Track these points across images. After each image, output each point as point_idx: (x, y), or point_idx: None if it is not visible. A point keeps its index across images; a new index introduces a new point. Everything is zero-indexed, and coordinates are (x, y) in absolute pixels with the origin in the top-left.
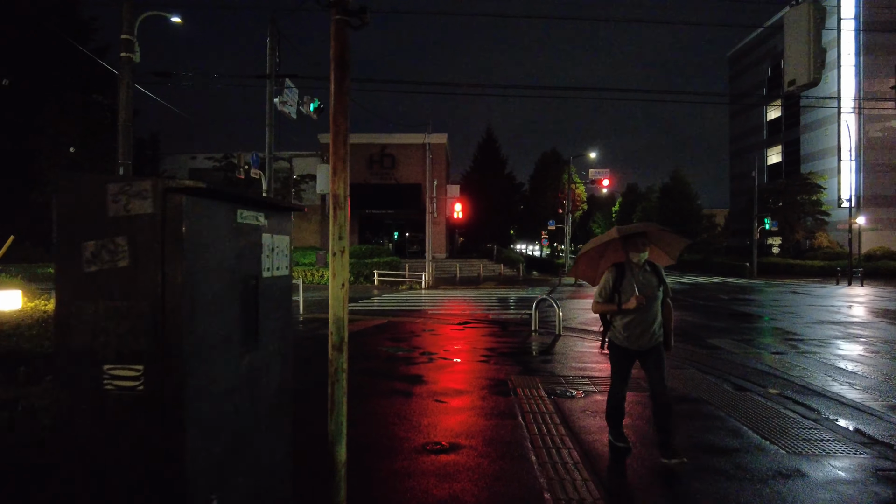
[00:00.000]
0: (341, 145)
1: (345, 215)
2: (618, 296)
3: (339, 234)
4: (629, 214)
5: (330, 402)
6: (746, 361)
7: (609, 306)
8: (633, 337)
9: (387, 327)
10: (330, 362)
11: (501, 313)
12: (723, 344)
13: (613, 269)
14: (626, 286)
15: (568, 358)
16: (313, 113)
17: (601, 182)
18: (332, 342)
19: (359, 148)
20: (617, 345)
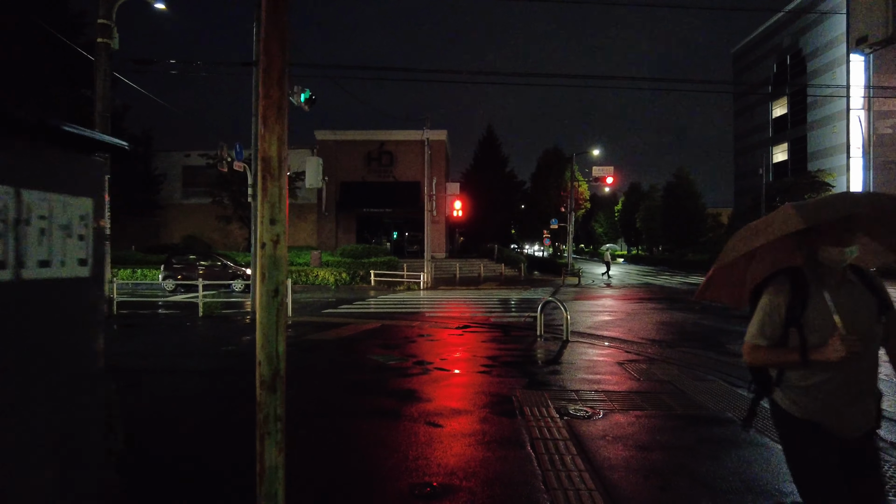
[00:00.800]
0: (274, 84)
1: (279, 189)
2: (798, 334)
3: (272, 216)
4: (632, 214)
5: (258, 465)
6: None
7: (783, 356)
8: (830, 409)
9: (380, 332)
10: (259, 407)
11: (503, 316)
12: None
13: (785, 285)
14: (814, 314)
15: (579, 368)
16: (304, 104)
17: (605, 179)
18: (261, 376)
19: (356, 145)
20: (796, 420)
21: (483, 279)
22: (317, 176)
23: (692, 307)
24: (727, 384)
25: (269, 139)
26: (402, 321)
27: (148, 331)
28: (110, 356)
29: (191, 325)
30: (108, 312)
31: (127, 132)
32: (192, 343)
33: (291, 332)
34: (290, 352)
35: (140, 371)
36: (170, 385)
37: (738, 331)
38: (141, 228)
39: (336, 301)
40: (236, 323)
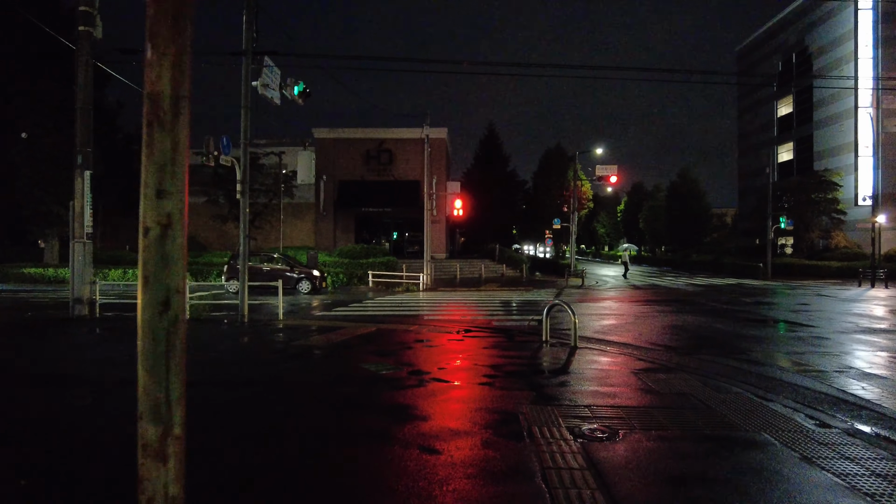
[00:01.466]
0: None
1: (175, 144)
2: None
3: (159, 186)
4: (635, 214)
5: None
6: (803, 381)
7: None
8: None
9: (374, 337)
10: (140, 485)
11: (506, 319)
12: (766, 357)
13: None
14: None
15: (590, 379)
16: (298, 97)
17: (608, 178)
18: (143, 438)
19: (355, 143)
20: None
21: (484, 280)
22: (309, 171)
23: (703, 310)
24: (755, 397)
25: (158, 66)
26: (399, 325)
27: (125, 336)
28: (71, 363)
29: None
30: (89, 314)
31: (122, 130)
32: None
33: (281, 337)
34: (275, 360)
35: (93, 382)
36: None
37: (755, 335)
38: (136, 228)
39: (331, 303)
40: (222, 326)
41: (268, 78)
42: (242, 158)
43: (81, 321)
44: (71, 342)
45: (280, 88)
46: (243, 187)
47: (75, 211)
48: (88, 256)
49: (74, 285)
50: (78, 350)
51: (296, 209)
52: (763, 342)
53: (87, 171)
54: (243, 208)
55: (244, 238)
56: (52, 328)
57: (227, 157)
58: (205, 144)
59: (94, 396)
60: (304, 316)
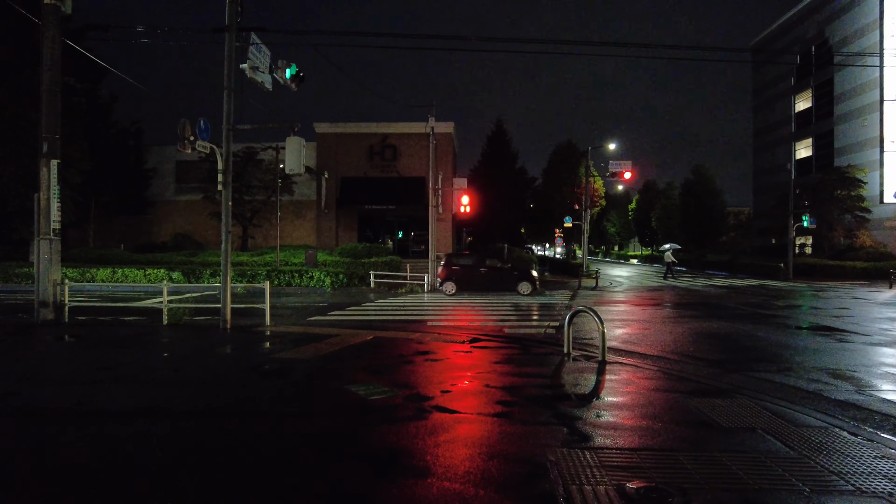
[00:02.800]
0: None
1: None
2: None
3: None
4: (647, 213)
5: None
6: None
7: None
8: None
9: (370, 347)
10: None
11: (519, 326)
12: (834, 375)
13: None
14: None
15: (631, 407)
16: (291, 82)
17: (623, 174)
18: None
19: (357, 138)
20: None
21: None
22: (299, 159)
23: (734, 314)
24: (848, 433)
25: None
26: (400, 332)
27: (92, 346)
28: (18, 381)
29: (149, 338)
30: (55, 319)
31: (116, 126)
32: (134, 364)
33: (263, 347)
34: (247, 379)
35: (37, 413)
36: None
37: (806, 346)
38: (131, 226)
39: (327, 306)
40: (198, 333)
41: (256, 59)
42: (225, 146)
43: (45, 327)
44: (15, 353)
45: (270, 71)
46: (225, 178)
47: (40, 205)
48: (55, 255)
49: (39, 288)
50: (15, 363)
51: (296, 207)
52: (819, 354)
53: (54, 161)
54: (225, 201)
55: (226, 234)
56: (4, 336)
57: (205, 143)
58: (179, 128)
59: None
60: (294, 321)
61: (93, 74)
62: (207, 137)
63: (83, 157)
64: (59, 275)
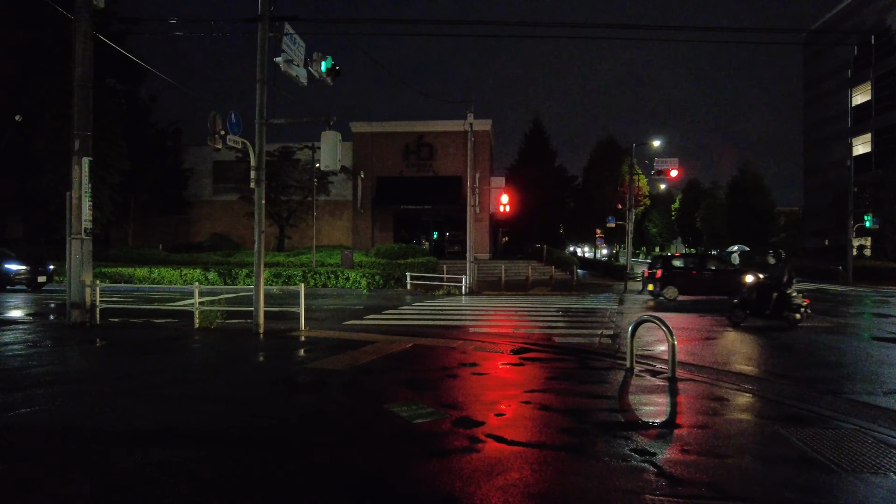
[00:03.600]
0: None
1: None
2: None
3: None
4: (691, 213)
5: None
6: None
7: None
8: None
9: (409, 358)
10: None
11: (569, 333)
12: None
13: None
14: None
15: (723, 439)
16: (327, 75)
17: (668, 173)
18: None
19: (393, 137)
20: None
21: (531, 283)
22: (334, 156)
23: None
24: None
25: None
26: (440, 339)
27: (118, 351)
28: (26, 390)
29: (178, 344)
30: (88, 321)
31: (155, 126)
32: (158, 374)
33: (296, 355)
34: (277, 394)
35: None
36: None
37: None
38: (169, 226)
39: (363, 309)
40: (230, 338)
41: (290, 51)
42: (258, 141)
43: (75, 330)
44: (37, 359)
45: (305, 65)
46: (258, 175)
47: (72, 203)
48: (87, 255)
49: (71, 288)
50: (33, 370)
51: (332, 207)
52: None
53: (86, 158)
54: (258, 199)
55: (259, 234)
56: (33, 338)
57: (236, 138)
58: (209, 122)
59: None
60: (329, 325)
61: (133, 76)
62: (239, 132)
63: (122, 158)
64: (91, 275)
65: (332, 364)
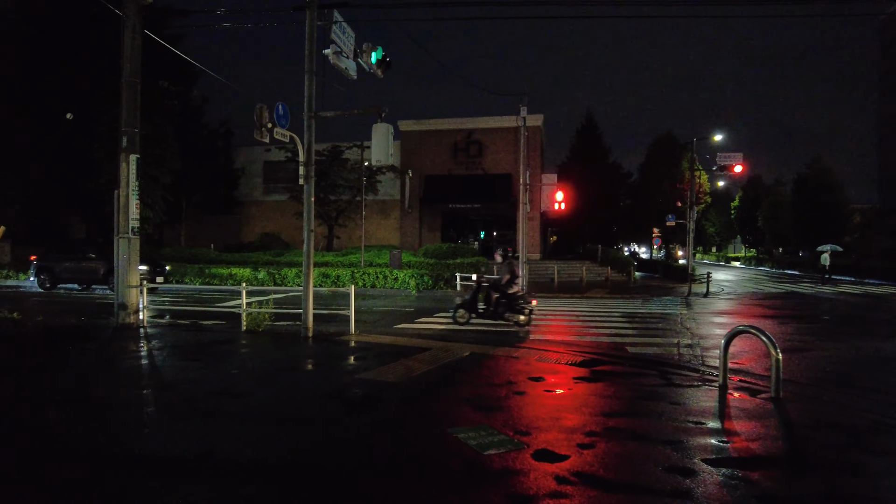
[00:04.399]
0: None
1: None
2: None
3: None
4: (752, 211)
5: None
6: None
7: None
8: None
9: (467, 368)
10: None
11: (641, 342)
12: None
13: None
14: None
15: (869, 478)
16: (377, 68)
17: (732, 168)
18: None
19: (441, 135)
20: None
21: (586, 285)
22: (386, 149)
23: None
24: None
25: None
26: (499, 347)
27: (161, 357)
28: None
29: (224, 348)
30: (131, 322)
31: (207, 127)
32: (199, 384)
33: (346, 364)
34: (326, 412)
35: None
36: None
37: None
38: (220, 225)
39: (414, 311)
40: (278, 342)
41: (339, 41)
42: (306, 135)
43: (121, 332)
44: (77, 361)
45: (354, 56)
46: (306, 170)
47: (119, 202)
48: (135, 255)
49: (119, 289)
50: (70, 374)
51: (380, 206)
52: None
53: (133, 156)
54: (307, 197)
55: (308, 233)
56: (81, 340)
57: (284, 131)
58: (255, 115)
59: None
60: (380, 329)
61: (186, 79)
62: (287, 125)
63: (174, 158)
64: (138, 276)
65: (386, 375)
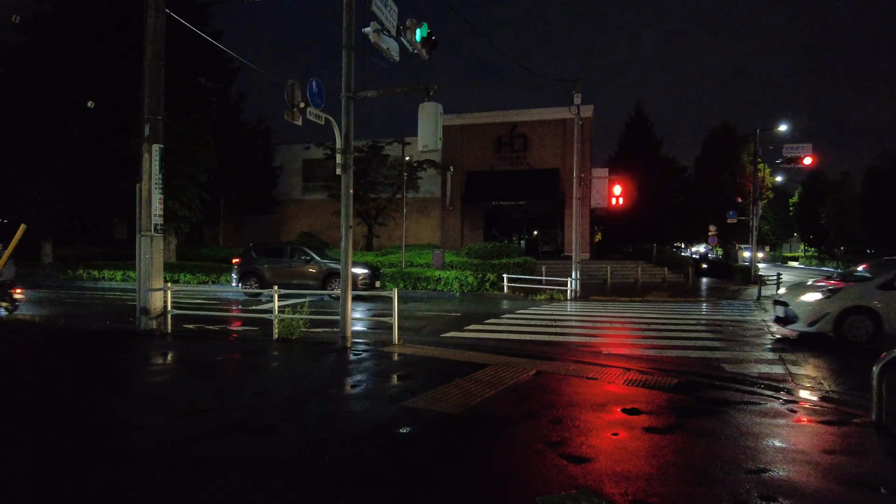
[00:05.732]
0: None
1: None
2: None
3: None
4: (814, 208)
5: None
6: None
7: None
8: None
9: (538, 394)
10: None
11: (736, 356)
12: None
13: None
14: None
15: None
16: (421, 46)
17: (802, 160)
18: None
19: (484, 129)
20: None
21: (642, 287)
22: (434, 131)
23: None
24: None
25: None
26: (570, 363)
27: (177, 372)
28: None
29: (250, 362)
30: (154, 328)
31: (245, 125)
32: (212, 414)
33: (390, 386)
34: (367, 459)
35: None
36: None
37: None
38: (259, 225)
39: (462, 316)
40: (312, 354)
41: (381, 14)
42: (344, 118)
43: (142, 339)
44: (77, 377)
45: (398, 34)
46: (344, 159)
47: (141, 196)
48: (157, 255)
49: (141, 292)
50: (60, 394)
51: (420, 205)
52: None
53: (157, 146)
54: (345, 188)
55: (346, 230)
56: (99, 347)
57: (318, 112)
58: (286, 92)
59: None
60: (427, 338)
61: (224, 75)
62: (321, 104)
63: (210, 155)
64: (162, 277)
65: (439, 403)
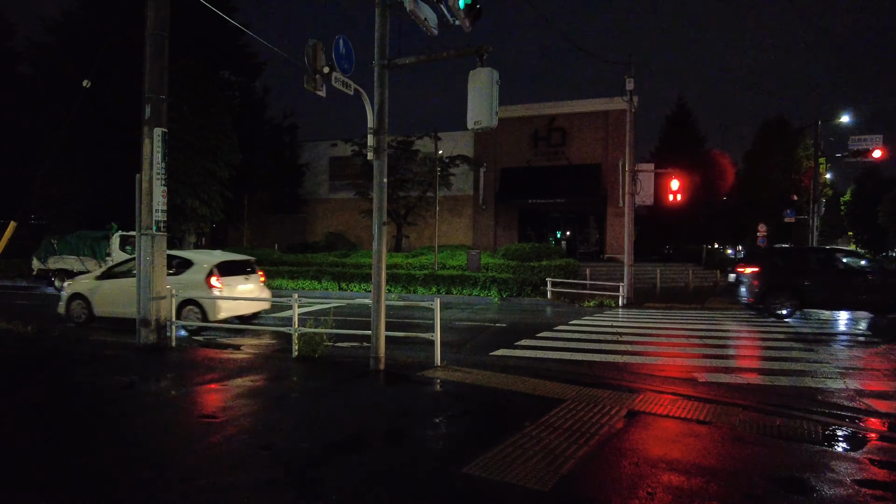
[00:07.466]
0: None
1: None
2: None
3: None
4: (868, 206)
5: None
6: None
7: None
8: None
9: (644, 451)
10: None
11: (847, 388)
12: None
13: None
14: None
15: None
16: (464, 16)
17: (871, 154)
18: None
19: (520, 122)
20: None
21: (694, 292)
22: (488, 103)
23: None
24: None
25: None
26: (662, 395)
27: (167, 406)
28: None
29: (260, 389)
30: (154, 342)
31: (270, 122)
32: (203, 476)
33: (436, 433)
34: None
35: None
36: None
37: None
38: (284, 224)
39: (508, 328)
40: (345, 382)
41: None
42: (377, 91)
43: (140, 355)
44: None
45: (437, 2)
46: (377, 140)
47: (141, 188)
48: (159, 256)
49: (140, 299)
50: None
51: (451, 203)
52: None
53: (159, 129)
54: (377, 177)
55: (379, 227)
56: (89, 366)
57: (345, 79)
58: (307, 54)
59: None
60: (471, 357)
61: (249, 70)
62: (350, 70)
63: (232, 151)
64: (164, 282)
65: (514, 469)
